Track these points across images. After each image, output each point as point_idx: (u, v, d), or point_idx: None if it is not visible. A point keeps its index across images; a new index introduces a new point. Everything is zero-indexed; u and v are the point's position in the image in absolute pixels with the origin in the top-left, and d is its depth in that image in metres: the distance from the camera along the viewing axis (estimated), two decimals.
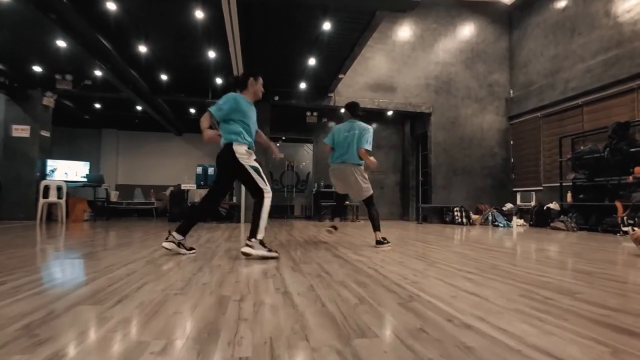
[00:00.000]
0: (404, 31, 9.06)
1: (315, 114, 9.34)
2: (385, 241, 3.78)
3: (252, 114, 3.14)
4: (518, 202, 8.76)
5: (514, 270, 2.48)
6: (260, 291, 1.76)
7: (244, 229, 6.11)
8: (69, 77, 6.94)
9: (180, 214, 7.59)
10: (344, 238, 4.60)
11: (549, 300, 1.69)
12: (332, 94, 8.34)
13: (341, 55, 6.17)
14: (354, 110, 4.04)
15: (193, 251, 3.06)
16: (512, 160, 9.20)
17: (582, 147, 7.08)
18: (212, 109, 2.95)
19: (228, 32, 4.25)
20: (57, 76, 6.92)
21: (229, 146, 2.95)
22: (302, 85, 7.84)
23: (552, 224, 7.08)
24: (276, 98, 8.07)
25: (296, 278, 2.09)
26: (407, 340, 1.17)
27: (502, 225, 7.83)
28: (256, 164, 3.04)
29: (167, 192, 9.28)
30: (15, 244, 3.51)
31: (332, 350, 1.08)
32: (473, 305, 1.59)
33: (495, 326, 1.31)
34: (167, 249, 2.92)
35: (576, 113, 7.36)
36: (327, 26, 4.99)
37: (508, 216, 8.31)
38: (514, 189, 9.06)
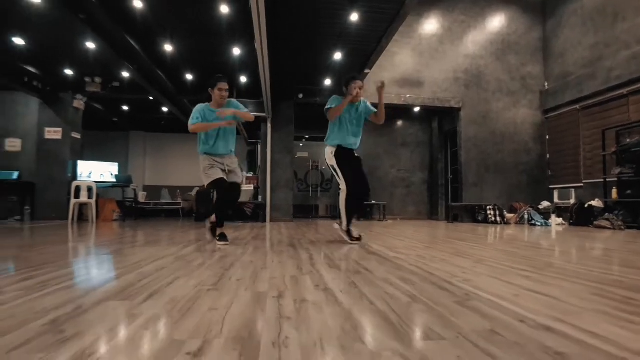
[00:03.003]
0: (431, 24, 8.77)
1: None
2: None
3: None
4: (555, 199, 8.29)
5: (575, 268, 2.23)
6: (298, 288, 1.62)
7: (269, 228, 6.01)
8: (98, 79, 7.08)
9: (207, 214, 7.58)
10: (376, 237, 4.40)
11: (631, 300, 1.46)
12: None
13: (367, 49, 5.98)
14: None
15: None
16: (548, 156, 8.73)
17: (628, 140, 6.59)
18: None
19: (255, 27, 4.15)
20: (87, 79, 7.06)
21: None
22: (327, 82, 7.69)
23: (595, 223, 6.62)
24: (300, 96, 7.96)
25: (334, 274, 1.93)
26: (480, 344, 0.99)
27: (539, 224, 7.41)
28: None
29: (193, 193, 9.34)
30: (47, 242, 3.52)
31: (395, 354, 0.91)
32: (543, 304, 1.38)
33: (580, 328, 1.11)
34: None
35: (621, 103, 6.87)
36: (354, 17, 4.82)
37: (545, 215, 7.86)
38: (550, 186, 8.58)
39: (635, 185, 6.35)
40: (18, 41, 5.61)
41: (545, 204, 8.27)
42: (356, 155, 3.66)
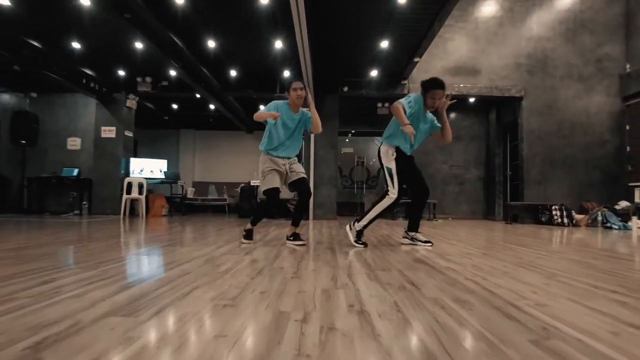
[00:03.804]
0: (489, 5, 8.00)
1: (387, 104, 8.74)
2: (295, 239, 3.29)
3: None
4: (636, 199, 7.22)
5: None
6: (328, 307, 1.36)
7: (311, 227, 5.83)
8: (148, 79, 7.32)
9: (250, 209, 7.59)
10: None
11: None
12: (405, 82, 7.67)
13: (418, 34, 5.53)
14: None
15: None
16: (627, 149, 7.63)
17: None
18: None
19: (294, 16, 3.94)
20: (138, 79, 7.33)
21: None
22: (373, 73, 7.30)
23: None
24: (345, 89, 7.66)
25: (374, 290, 1.65)
26: None
27: (616, 227, 6.49)
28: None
29: (239, 189, 9.46)
30: (91, 237, 3.59)
31: None
32: None
33: None
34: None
35: None
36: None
37: (623, 216, 6.88)
38: (630, 184, 7.49)
39: None
40: (75, 45, 5.92)
41: (623, 203, 7.24)
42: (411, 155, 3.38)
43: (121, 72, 7.05)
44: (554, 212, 7.24)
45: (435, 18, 5.02)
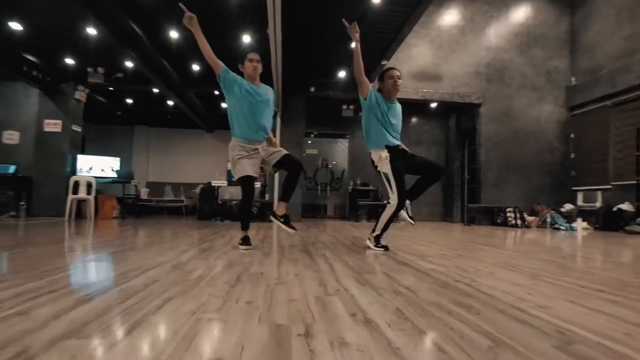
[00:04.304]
0: (452, 14, 8.29)
1: (351, 107, 8.74)
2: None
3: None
4: (579, 202, 7.78)
5: None
6: (329, 318, 1.21)
7: (277, 229, 5.62)
8: (100, 69, 6.72)
9: (211, 212, 7.23)
10: (393, 240, 3.98)
11: None
12: (372, 84, 7.70)
13: (387, 37, 5.55)
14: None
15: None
16: (572, 156, 8.22)
17: None
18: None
19: (269, 12, 3.75)
20: (89, 69, 6.70)
21: None
22: (341, 74, 7.26)
23: (627, 228, 6.14)
24: (312, 89, 7.55)
25: (370, 296, 1.53)
26: None
27: (563, 228, 6.94)
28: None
29: (197, 190, 9.00)
30: (33, 242, 3.16)
31: None
32: None
33: None
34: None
35: None
36: (376, 0, 4.40)
37: (568, 218, 7.38)
38: (573, 188, 8.07)
39: None
40: (15, 26, 5.26)
41: (568, 206, 7.78)
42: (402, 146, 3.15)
43: (69, 61, 6.39)
44: (508, 214, 7.61)
45: (406, 21, 5.06)
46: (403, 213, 3.11)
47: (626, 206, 6.58)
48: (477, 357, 0.91)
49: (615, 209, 6.65)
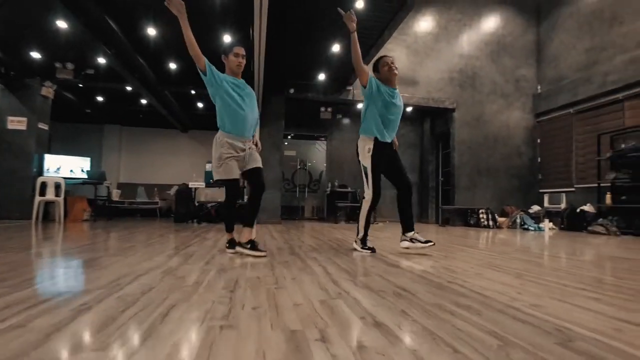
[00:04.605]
0: (427, 21, 8.54)
1: (329, 109, 8.82)
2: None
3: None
4: (545, 204, 8.22)
5: (630, 285, 1.94)
6: (340, 321, 1.22)
7: (261, 231, 5.57)
8: (70, 65, 6.40)
9: (187, 214, 7.06)
10: (375, 242, 4.05)
11: None
12: (350, 87, 7.80)
13: (368, 41, 5.64)
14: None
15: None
16: (539, 160, 8.66)
17: (623, 145, 6.55)
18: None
19: (255, 14, 3.72)
20: (57, 64, 6.37)
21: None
22: (321, 77, 7.30)
23: (589, 228, 6.54)
24: (292, 91, 7.55)
25: (372, 298, 1.55)
26: None
27: (532, 228, 7.30)
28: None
29: (172, 192, 8.75)
30: (4, 247, 2.97)
31: None
32: None
33: None
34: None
35: (616, 108, 6.83)
36: (359, 4, 4.47)
37: (535, 219, 7.78)
38: (540, 190, 8.51)
39: (631, 191, 6.31)
40: None
41: (535, 208, 8.20)
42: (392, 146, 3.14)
43: (36, 55, 6.05)
44: (481, 215, 7.91)
45: (387, 27, 5.16)
46: (417, 244, 3.04)
47: (588, 207, 7.01)
48: (490, 356, 0.96)
49: (578, 210, 7.06)
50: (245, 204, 3.02)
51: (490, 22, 8.76)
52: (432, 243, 2.99)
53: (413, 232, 3.09)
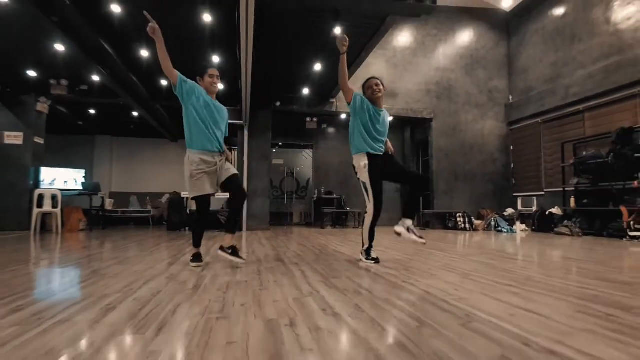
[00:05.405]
0: (405, 37, 9.06)
1: (315, 119, 9.26)
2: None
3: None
4: (519, 207, 8.77)
5: (553, 282, 2.39)
6: (307, 313, 1.64)
7: (248, 239, 5.95)
8: (64, 82, 6.72)
9: (180, 222, 7.39)
10: (354, 247, 4.47)
11: (611, 317, 1.60)
12: (333, 100, 8.26)
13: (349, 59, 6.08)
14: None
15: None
16: (512, 166, 9.23)
17: (584, 153, 7.11)
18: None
19: (242, 35, 4.09)
20: (52, 81, 6.69)
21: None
22: (305, 91, 7.74)
23: (556, 230, 7.07)
24: (278, 104, 7.96)
25: (336, 296, 1.97)
26: None
27: (505, 230, 7.81)
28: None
29: (164, 200, 9.05)
30: (17, 260, 3.30)
31: None
32: (538, 325, 1.48)
33: (579, 351, 1.21)
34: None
35: (577, 119, 7.42)
36: (337, 31, 4.91)
37: (510, 221, 8.31)
38: (514, 194, 9.07)
39: (591, 195, 6.86)
40: None
41: (509, 210, 8.74)
42: (386, 153, 3.27)
43: (32, 73, 6.35)
44: (458, 219, 8.41)
45: (364, 48, 5.62)
46: (411, 236, 3.14)
47: (556, 210, 7.56)
48: (407, 332, 1.38)
49: (547, 212, 7.61)
50: (228, 213, 3.12)
51: (464, 37, 9.33)
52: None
53: (411, 222, 3.21)
